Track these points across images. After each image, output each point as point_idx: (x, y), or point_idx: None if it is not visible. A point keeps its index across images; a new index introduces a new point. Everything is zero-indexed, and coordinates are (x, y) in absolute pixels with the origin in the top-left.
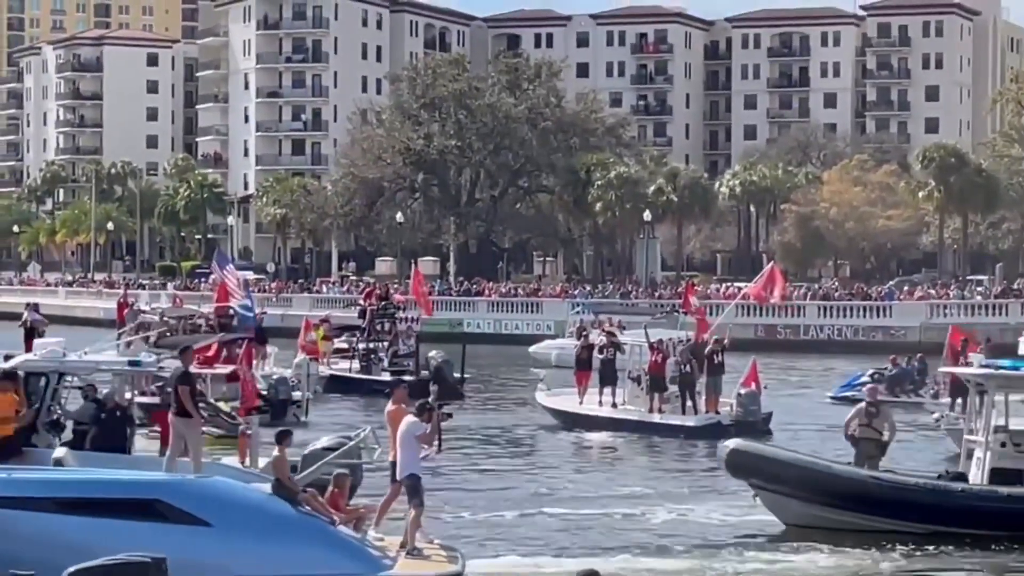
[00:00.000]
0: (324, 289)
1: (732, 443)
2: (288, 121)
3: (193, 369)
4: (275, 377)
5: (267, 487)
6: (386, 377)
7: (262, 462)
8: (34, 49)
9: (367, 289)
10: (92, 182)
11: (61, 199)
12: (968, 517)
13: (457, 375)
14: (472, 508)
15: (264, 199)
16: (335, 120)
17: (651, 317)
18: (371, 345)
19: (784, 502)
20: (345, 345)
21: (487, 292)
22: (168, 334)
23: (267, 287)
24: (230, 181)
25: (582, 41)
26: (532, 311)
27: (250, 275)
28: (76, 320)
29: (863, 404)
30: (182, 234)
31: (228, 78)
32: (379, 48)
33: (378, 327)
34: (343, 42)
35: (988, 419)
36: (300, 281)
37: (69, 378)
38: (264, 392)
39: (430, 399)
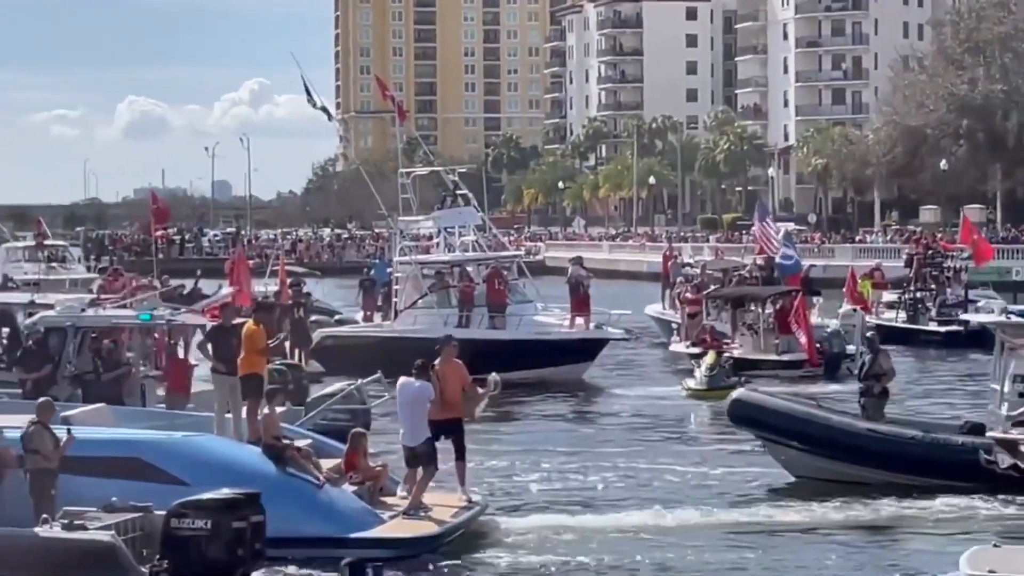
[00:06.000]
0: (867, 239)
1: (736, 393)
2: (828, 70)
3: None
4: (828, 330)
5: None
6: (934, 327)
7: None
8: (576, 7)
9: (914, 237)
10: (633, 137)
11: (604, 154)
12: (965, 471)
13: None
14: None
15: (804, 149)
16: (876, 68)
17: None
18: (918, 295)
19: (789, 454)
20: (895, 296)
21: None
22: (713, 287)
23: (809, 238)
24: (770, 132)
25: None
26: None
27: (791, 226)
28: (619, 274)
29: (872, 355)
30: (723, 186)
31: (767, 29)
32: None
33: (925, 276)
34: None
35: (1006, 368)
36: (842, 231)
37: (93, 333)
38: (817, 345)
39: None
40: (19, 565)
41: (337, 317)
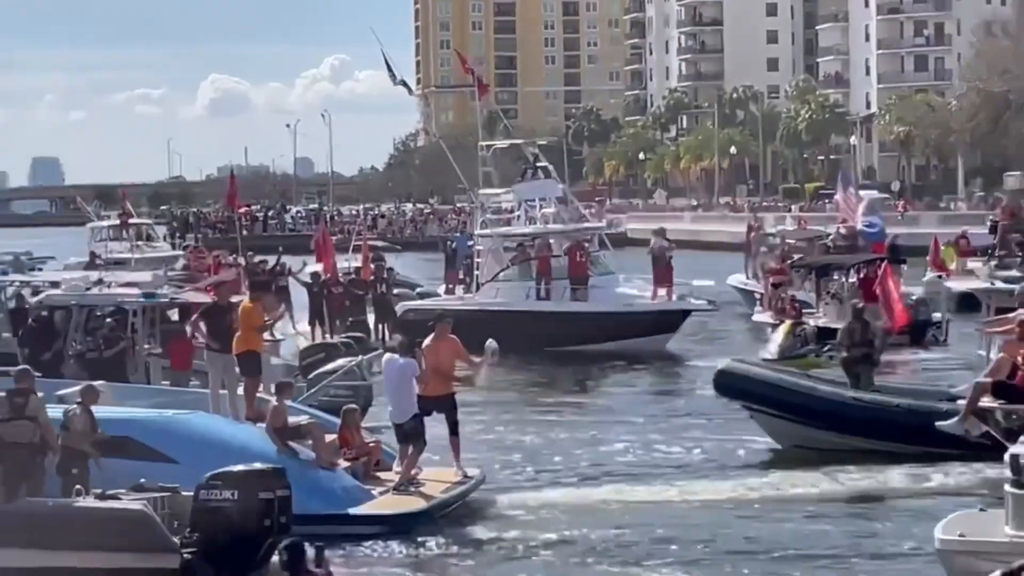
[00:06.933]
0: (951, 206)
1: (721, 363)
2: (910, 37)
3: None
4: (914, 298)
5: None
6: None
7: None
8: None
9: (1000, 205)
10: (714, 107)
11: (684, 125)
12: (951, 438)
13: None
14: None
15: (887, 117)
16: (958, 34)
17: None
18: (1005, 261)
19: (776, 423)
20: (979, 264)
21: None
22: (796, 256)
23: (892, 205)
24: (852, 100)
25: None
26: None
27: (875, 194)
28: (702, 244)
29: (861, 325)
30: (804, 156)
31: None
32: None
33: (1010, 243)
34: None
35: (992, 335)
36: (926, 199)
37: (98, 311)
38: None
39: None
40: (55, 533)
41: (419, 290)
